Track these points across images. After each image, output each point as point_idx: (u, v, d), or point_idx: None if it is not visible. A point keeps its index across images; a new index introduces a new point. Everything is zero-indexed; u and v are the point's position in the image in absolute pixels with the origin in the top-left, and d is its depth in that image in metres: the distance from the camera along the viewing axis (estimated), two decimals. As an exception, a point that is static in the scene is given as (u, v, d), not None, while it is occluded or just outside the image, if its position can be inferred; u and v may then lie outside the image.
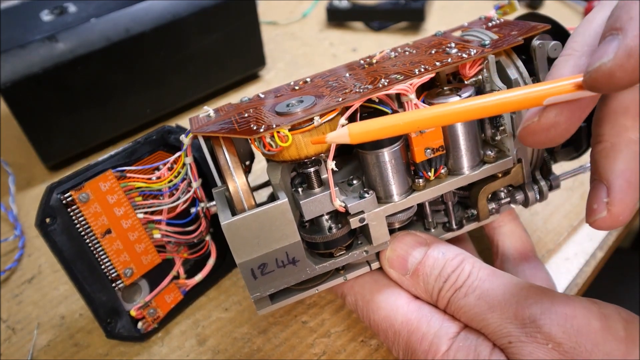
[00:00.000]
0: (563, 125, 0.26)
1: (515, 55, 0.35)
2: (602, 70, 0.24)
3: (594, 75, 0.24)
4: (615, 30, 0.24)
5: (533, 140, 0.27)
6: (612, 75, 0.24)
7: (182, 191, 0.39)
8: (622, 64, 0.23)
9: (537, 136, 0.27)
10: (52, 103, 0.56)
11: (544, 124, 0.27)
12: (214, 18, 0.62)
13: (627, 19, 0.24)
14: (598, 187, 0.29)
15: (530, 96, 0.26)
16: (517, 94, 0.26)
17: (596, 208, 0.29)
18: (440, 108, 0.27)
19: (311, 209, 0.33)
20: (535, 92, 0.26)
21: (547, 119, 0.26)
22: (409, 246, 0.35)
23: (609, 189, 0.29)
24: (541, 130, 0.27)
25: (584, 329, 0.28)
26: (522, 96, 0.26)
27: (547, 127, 0.27)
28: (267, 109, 0.34)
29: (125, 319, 0.40)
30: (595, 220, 0.29)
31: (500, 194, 0.38)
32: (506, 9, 0.41)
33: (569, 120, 0.26)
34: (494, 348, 0.30)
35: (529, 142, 0.28)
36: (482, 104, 0.26)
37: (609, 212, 0.28)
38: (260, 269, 0.32)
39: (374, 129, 0.27)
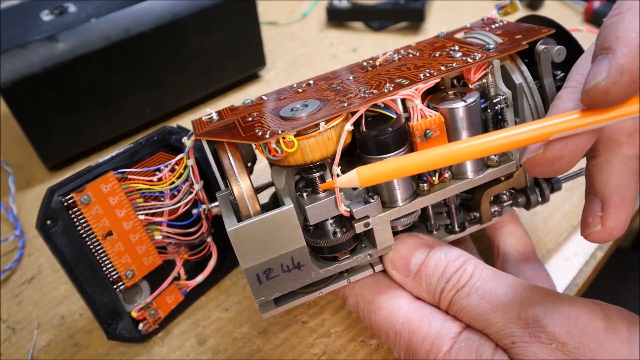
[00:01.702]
0: (567, 159, 0.27)
1: (519, 59, 0.35)
2: (597, 89, 0.26)
3: (591, 93, 0.26)
4: (605, 50, 0.26)
5: (538, 171, 0.28)
6: (607, 92, 0.25)
7: (183, 193, 0.39)
8: (616, 81, 0.25)
9: (541, 168, 0.28)
10: (52, 103, 0.56)
11: (549, 157, 0.27)
12: (214, 18, 0.62)
13: (614, 38, 0.26)
14: (593, 201, 0.30)
15: (539, 134, 0.27)
16: (526, 130, 0.27)
17: (591, 221, 0.30)
18: (448, 148, 0.28)
19: (316, 213, 0.33)
20: (542, 130, 0.27)
21: (551, 152, 0.27)
22: (411, 248, 0.35)
23: (604, 203, 0.30)
24: (546, 162, 0.28)
25: (588, 329, 0.28)
26: (530, 133, 0.27)
27: (552, 159, 0.27)
28: (271, 112, 0.34)
29: (126, 320, 0.40)
30: (590, 233, 0.30)
31: (503, 197, 0.38)
32: (508, 9, 0.41)
33: (573, 154, 0.27)
34: (497, 348, 0.30)
35: (534, 172, 0.28)
36: (490, 144, 0.27)
37: (603, 225, 0.30)
38: (265, 274, 0.32)
39: (384, 173, 0.28)
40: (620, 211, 0.30)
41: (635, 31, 0.25)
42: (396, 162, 0.28)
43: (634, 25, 0.26)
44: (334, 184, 0.29)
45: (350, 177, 0.28)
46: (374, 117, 0.34)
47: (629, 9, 0.26)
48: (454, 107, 0.33)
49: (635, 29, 0.25)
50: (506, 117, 0.35)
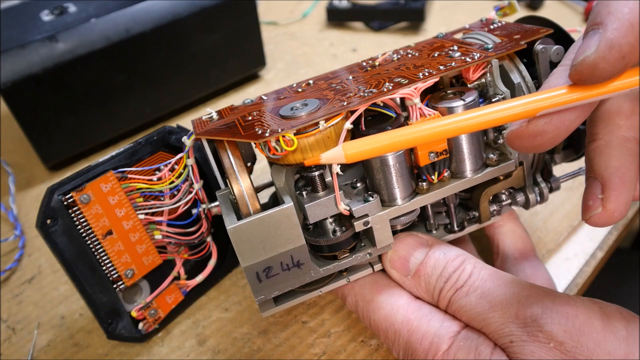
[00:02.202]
0: (550, 134, 0.27)
1: (518, 59, 0.35)
2: (585, 63, 0.25)
3: (579, 68, 0.26)
4: (596, 25, 0.26)
5: (519, 144, 0.28)
6: (595, 67, 0.25)
7: (183, 192, 0.39)
8: (604, 55, 0.25)
9: (523, 141, 0.28)
10: (52, 103, 0.56)
11: (532, 131, 0.27)
12: (214, 18, 0.62)
13: (606, 13, 0.25)
14: (593, 184, 0.30)
15: (525, 109, 0.27)
16: (512, 105, 0.27)
17: (591, 204, 0.30)
18: (435, 123, 0.27)
19: (316, 212, 0.33)
20: (529, 106, 0.27)
21: (535, 125, 0.27)
22: (410, 247, 0.35)
23: (604, 185, 0.30)
24: (528, 136, 0.27)
25: (586, 328, 0.28)
26: (517, 109, 0.27)
27: (535, 134, 0.27)
28: (271, 112, 0.34)
29: (126, 319, 0.40)
30: (591, 216, 0.30)
31: (502, 196, 0.38)
32: (506, 10, 0.41)
33: (557, 130, 0.27)
34: (495, 347, 0.30)
35: (516, 145, 0.28)
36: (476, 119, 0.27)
37: (604, 208, 0.29)
38: (265, 272, 0.32)
39: (369, 148, 0.27)
40: (620, 193, 0.29)
41: (628, 6, 0.25)
42: (382, 136, 0.27)
43: (627, 1, 0.25)
44: (319, 160, 0.28)
45: (335, 152, 0.28)
46: (374, 116, 0.34)
47: None
48: (452, 106, 0.33)
49: (627, 5, 0.25)
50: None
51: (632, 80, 0.26)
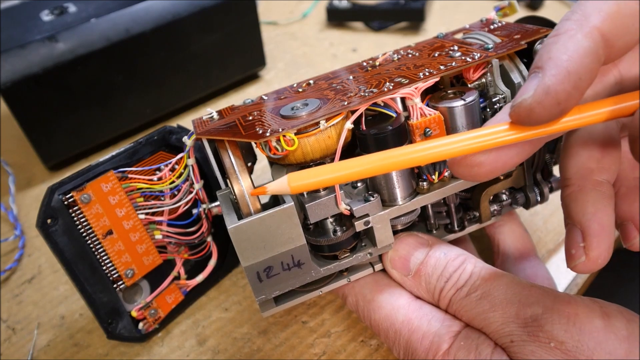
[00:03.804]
0: (486, 167, 0.27)
1: (518, 59, 0.35)
2: (523, 106, 0.25)
3: (517, 110, 0.26)
4: (537, 69, 0.26)
5: (457, 171, 0.28)
6: (531, 111, 0.25)
7: (184, 192, 0.39)
8: (541, 100, 0.25)
9: (461, 169, 0.28)
10: (52, 103, 0.56)
11: (469, 161, 0.27)
12: (214, 18, 0.62)
13: (546, 58, 0.26)
14: (573, 232, 0.31)
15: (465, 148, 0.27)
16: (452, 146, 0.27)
17: (574, 253, 0.30)
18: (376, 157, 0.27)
19: (316, 212, 0.33)
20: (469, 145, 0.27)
21: (472, 157, 0.27)
22: (411, 247, 0.35)
23: (584, 232, 0.30)
24: (465, 165, 0.27)
25: (587, 327, 0.28)
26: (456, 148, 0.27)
27: (472, 164, 0.27)
28: (271, 111, 0.34)
29: (126, 319, 0.40)
30: (576, 265, 0.30)
31: (502, 196, 0.38)
32: (506, 10, 0.41)
33: (493, 164, 0.27)
34: (496, 347, 0.30)
35: (454, 171, 0.28)
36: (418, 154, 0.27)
37: (587, 256, 0.30)
38: (265, 272, 0.32)
39: (313, 181, 0.27)
40: (601, 239, 0.30)
41: (567, 54, 0.25)
42: (327, 168, 0.27)
43: (567, 48, 0.26)
44: (265, 190, 0.28)
45: (280, 184, 0.27)
46: (374, 115, 0.34)
47: (565, 32, 0.26)
48: (453, 105, 0.33)
49: (566, 52, 0.26)
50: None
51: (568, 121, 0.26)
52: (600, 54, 0.26)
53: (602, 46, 0.26)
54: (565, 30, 0.27)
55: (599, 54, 0.26)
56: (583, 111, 0.27)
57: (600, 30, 0.26)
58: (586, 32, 0.26)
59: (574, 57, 0.25)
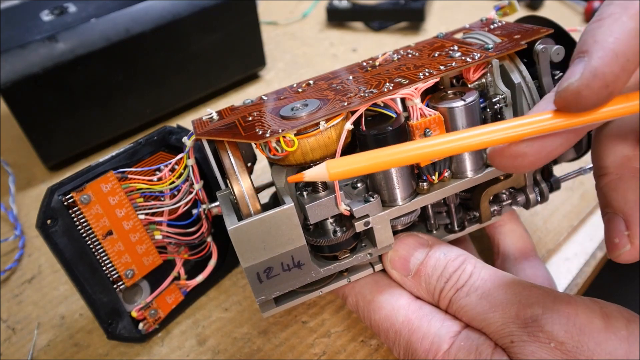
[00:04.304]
0: (530, 158, 0.27)
1: (518, 59, 0.35)
2: (570, 90, 0.25)
3: (563, 94, 0.26)
4: (582, 53, 0.26)
5: (499, 162, 0.28)
6: (579, 94, 0.25)
7: (183, 193, 0.39)
8: (588, 83, 0.25)
9: (503, 160, 0.27)
10: (52, 103, 0.56)
11: (512, 151, 0.27)
12: (214, 18, 0.62)
13: (592, 42, 0.26)
14: (615, 220, 0.30)
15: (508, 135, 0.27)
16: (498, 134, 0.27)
17: (618, 242, 0.29)
18: (419, 144, 0.27)
19: (316, 212, 0.33)
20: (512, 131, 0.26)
21: (517, 147, 0.27)
22: (411, 247, 0.35)
23: (627, 221, 0.29)
24: (508, 156, 0.27)
25: (587, 327, 0.28)
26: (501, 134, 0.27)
27: (515, 155, 0.27)
28: (271, 112, 0.34)
29: (126, 320, 0.40)
30: (621, 254, 0.30)
31: (502, 196, 0.38)
32: (506, 9, 0.41)
33: (537, 154, 0.27)
34: (496, 347, 0.30)
35: (495, 163, 0.28)
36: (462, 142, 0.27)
37: (633, 244, 0.29)
38: (265, 273, 0.32)
39: (354, 167, 0.27)
40: None
41: (613, 36, 0.25)
42: (366, 156, 0.27)
43: (612, 30, 0.26)
44: (302, 177, 0.28)
45: (319, 170, 0.27)
46: (374, 116, 0.34)
47: (609, 16, 0.26)
48: (453, 106, 0.33)
49: (612, 34, 0.25)
50: (505, 116, 0.35)
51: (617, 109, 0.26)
52: None
53: None
54: (609, 14, 0.26)
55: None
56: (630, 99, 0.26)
57: None
58: (632, 14, 0.26)
59: (621, 38, 0.25)
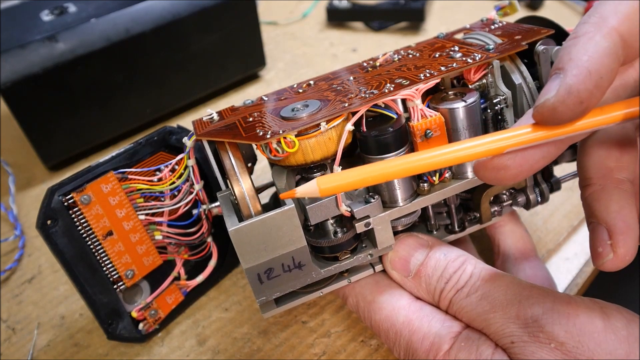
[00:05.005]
0: (512, 170, 0.27)
1: (519, 60, 0.35)
2: (546, 106, 0.26)
3: (540, 110, 0.27)
4: (558, 70, 0.27)
5: (483, 175, 0.28)
6: (555, 110, 0.26)
7: (184, 193, 0.39)
8: (564, 100, 0.26)
9: (487, 172, 0.28)
10: (52, 103, 0.56)
11: (495, 164, 0.28)
12: (214, 18, 0.62)
13: (567, 59, 0.27)
14: (598, 230, 0.30)
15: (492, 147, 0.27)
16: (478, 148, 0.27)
17: (601, 251, 0.30)
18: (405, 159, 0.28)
19: (317, 213, 0.33)
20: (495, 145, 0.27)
21: (500, 160, 0.27)
22: (411, 248, 0.35)
23: (610, 231, 0.30)
24: (492, 168, 0.28)
25: (587, 328, 0.28)
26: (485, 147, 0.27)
27: (498, 167, 0.28)
28: (272, 113, 0.34)
29: (126, 320, 0.40)
30: (604, 263, 0.30)
31: (503, 197, 0.38)
32: (507, 9, 0.41)
33: (520, 167, 0.27)
34: (496, 348, 0.31)
35: (480, 175, 0.29)
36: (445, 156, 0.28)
37: (615, 254, 0.30)
38: (266, 274, 0.32)
39: (343, 183, 0.28)
40: (628, 236, 0.30)
41: (587, 55, 0.26)
42: (355, 172, 0.28)
43: (586, 49, 0.26)
44: (294, 194, 0.28)
45: (309, 187, 0.28)
46: (375, 117, 0.34)
47: (584, 34, 0.27)
48: (454, 107, 0.33)
49: (586, 53, 0.26)
50: (506, 117, 0.35)
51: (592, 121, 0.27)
52: (619, 54, 0.27)
53: (620, 46, 0.27)
54: (584, 33, 0.27)
55: (618, 54, 0.27)
56: (605, 112, 0.27)
57: (618, 31, 0.27)
58: (605, 33, 0.27)
59: (594, 57, 0.26)
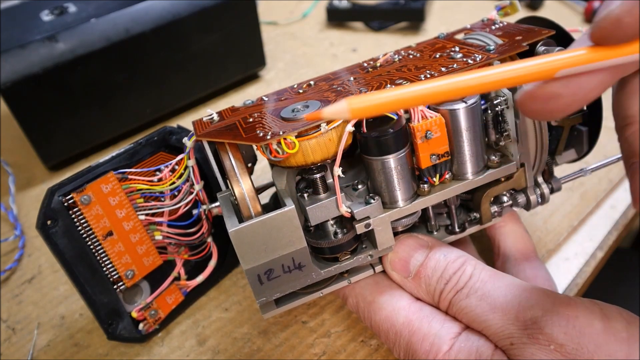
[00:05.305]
0: (565, 99, 0.25)
1: (520, 61, 0.35)
2: (610, 18, 0.24)
3: (602, 24, 0.24)
4: None
5: (531, 107, 0.26)
6: (620, 22, 0.24)
7: (184, 193, 0.39)
8: (630, 9, 0.24)
9: (536, 103, 0.26)
10: (52, 103, 0.56)
11: (547, 92, 0.25)
12: (214, 18, 0.62)
13: None
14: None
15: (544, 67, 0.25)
16: (531, 64, 0.25)
17: None
18: (444, 81, 0.25)
19: (317, 214, 0.33)
20: (548, 63, 0.25)
21: (552, 87, 0.25)
22: (411, 249, 0.35)
23: None
24: (542, 97, 0.25)
25: (586, 330, 0.28)
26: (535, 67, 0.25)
27: (549, 96, 0.25)
28: (272, 113, 0.34)
29: (126, 320, 0.40)
30: None
31: (503, 198, 0.38)
32: (507, 9, 0.41)
33: (573, 95, 0.25)
34: (496, 349, 0.31)
35: (527, 108, 0.26)
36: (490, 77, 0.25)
37: None
38: (266, 275, 0.32)
39: (375, 103, 0.25)
40: None
41: None
42: (389, 93, 0.25)
43: None
44: (320, 115, 0.25)
45: (339, 108, 0.25)
46: (375, 118, 0.34)
47: None
48: (454, 108, 0.33)
49: None
50: (506, 118, 0.35)
51: None
52: None
53: None
54: None
55: None
56: None
57: None
58: None
59: None
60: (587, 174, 0.40)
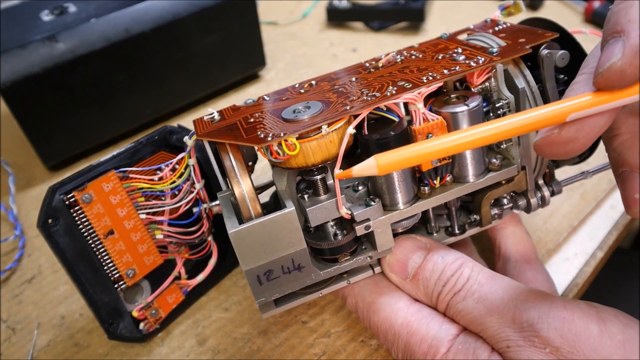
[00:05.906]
0: (581, 141, 0.27)
1: (522, 64, 0.35)
2: (613, 70, 0.26)
3: (606, 74, 0.26)
4: (616, 33, 0.26)
5: (550, 151, 0.28)
6: (623, 73, 0.26)
7: (184, 192, 0.39)
8: (631, 61, 0.26)
9: (555, 148, 0.28)
10: (52, 103, 0.56)
11: (565, 137, 0.27)
12: (214, 18, 0.62)
13: (626, 21, 0.26)
14: (632, 177, 0.30)
15: (556, 113, 0.27)
16: (543, 112, 0.27)
17: (638, 197, 0.30)
18: (464, 133, 0.27)
19: (317, 216, 0.33)
20: (559, 109, 0.27)
21: (568, 132, 0.27)
22: (409, 250, 0.35)
23: None
24: (560, 142, 0.28)
25: (582, 333, 0.29)
26: (548, 114, 0.27)
27: (567, 140, 0.27)
28: (273, 114, 0.34)
29: (127, 320, 0.40)
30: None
31: (503, 200, 0.38)
32: (511, 9, 0.41)
33: (588, 136, 0.27)
34: (493, 352, 0.31)
35: (546, 152, 0.28)
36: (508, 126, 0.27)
37: None
38: (266, 275, 0.32)
39: (402, 159, 0.27)
40: None
41: None
42: (415, 148, 0.28)
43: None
44: (351, 174, 0.28)
45: (368, 165, 0.27)
46: (376, 119, 0.34)
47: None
48: (456, 111, 0.33)
49: None
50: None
51: None
52: None
53: None
54: None
55: None
56: None
57: None
58: None
59: None
60: (589, 177, 0.40)
